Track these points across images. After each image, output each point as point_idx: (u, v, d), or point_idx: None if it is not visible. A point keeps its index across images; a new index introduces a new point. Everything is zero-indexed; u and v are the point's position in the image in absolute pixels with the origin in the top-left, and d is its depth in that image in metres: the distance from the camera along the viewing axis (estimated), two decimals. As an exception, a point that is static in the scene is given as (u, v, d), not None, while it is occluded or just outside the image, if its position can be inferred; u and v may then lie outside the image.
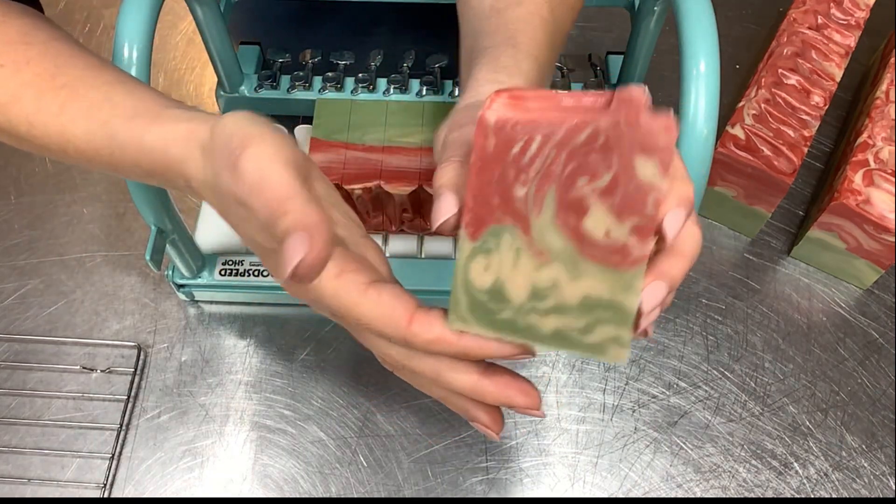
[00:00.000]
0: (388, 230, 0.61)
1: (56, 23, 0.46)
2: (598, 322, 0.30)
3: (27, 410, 0.59)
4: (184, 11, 0.70)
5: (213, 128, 0.34)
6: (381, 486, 0.57)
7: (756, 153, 0.62)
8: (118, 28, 0.48)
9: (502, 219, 0.30)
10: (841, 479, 0.58)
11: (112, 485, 0.57)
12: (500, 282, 0.31)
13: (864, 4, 0.72)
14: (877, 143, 0.63)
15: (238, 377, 0.61)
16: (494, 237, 0.30)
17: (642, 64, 0.66)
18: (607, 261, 0.29)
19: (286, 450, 0.58)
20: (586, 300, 0.30)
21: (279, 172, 0.31)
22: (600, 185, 0.28)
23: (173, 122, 0.36)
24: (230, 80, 0.69)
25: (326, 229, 0.30)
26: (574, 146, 0.28)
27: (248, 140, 0.31)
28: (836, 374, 0.62)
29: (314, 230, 0.29)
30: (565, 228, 0.29)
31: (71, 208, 0.69)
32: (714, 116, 0.46)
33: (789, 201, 0.70)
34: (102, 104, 0.38)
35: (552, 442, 0.59)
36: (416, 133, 0.60)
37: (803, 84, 0.67)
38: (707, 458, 0.58)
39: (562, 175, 0.29)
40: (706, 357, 0.62)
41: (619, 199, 0.28)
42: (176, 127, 0.35)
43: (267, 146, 0.31)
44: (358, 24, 0.80)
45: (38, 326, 0.63)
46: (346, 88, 0.68)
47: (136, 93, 0.39)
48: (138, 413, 0.59)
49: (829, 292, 0.66)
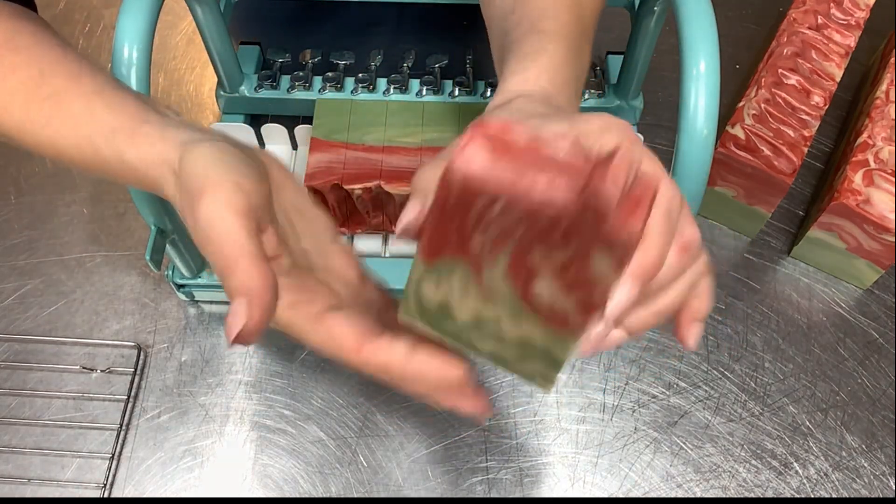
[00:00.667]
0: (388, 230, 0.61)
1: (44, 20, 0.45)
2: (530, 358, 0.32)
3: (27, 410, 0.59)
4: (184, 11, 0.70)
5: (181, 158, 0.34)
6: (381, 486, 0.57)
7: (756, 153, 0.62)
8: (118, 28, 0.48)
9: (457, 255, 0.30)
10: (841, 479, 0.58)
11: (112, 485, 0.57)
12: (447, 302, 0.32)
13: (864, 4, 0.72)
14: (877, 143, 0.63)
15: (238, 377, 0.61)
16: (448, 267, 0.31)
17: (642, 64, 0.66)
18: (548, 321, 0.30)
19: (286, 450, 0.58)
20: (523, 340, 0.31)
21: (230, 225, 0.32)
22: (553, 262, 0.29)
23: (147, 142, 0.36)
24: (230, 80, 0.69)
25: (268, 295, 0.31)
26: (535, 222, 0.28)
27: (205, 187, 0.32)
28: (836, 374, 0.62)
29: (255, 297, 0.31)
30: (514, 283, 0.30)
31: (71, 208, 0.69)
32: (714, 116, 0.46)
33: (789, 201, 0.70)
34: (84, 118, 0.38)
35: (552, 442, 0.59)
36: (416, 133, 0.60)
37: (803, 84, 0.67)
38: (707, 458, 0.58)
39: (519, 241, 0.29)
40: (706, 357, 0.62)
41: (569, 278, 0.29)
42: (150, 149, 0.36)
43: (221, 194, 0.32)
44: (358, 24, 0.80)
45: (38, 326, 0.63)
46: (346, 88, 0.68)
47: (114, 105, 0.39)
48: (138, 413, 0.59)
49: (829, 292, 0.66)
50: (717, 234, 0.69)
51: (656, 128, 0.73)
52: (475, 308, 0.31)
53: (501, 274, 0.30)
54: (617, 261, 0.28)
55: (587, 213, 0.28)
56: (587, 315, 0.29)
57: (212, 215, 0.32)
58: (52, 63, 0.40)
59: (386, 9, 0.81)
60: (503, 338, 0.32)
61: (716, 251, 0.68)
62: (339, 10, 0.81)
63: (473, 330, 0.32)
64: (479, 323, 0.32)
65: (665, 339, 0.63)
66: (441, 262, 0.31)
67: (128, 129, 0.37)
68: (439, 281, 0.31)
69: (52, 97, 0.39)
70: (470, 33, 0.78)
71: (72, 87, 0.39)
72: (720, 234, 0.69)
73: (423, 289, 0.32)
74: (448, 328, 0.33)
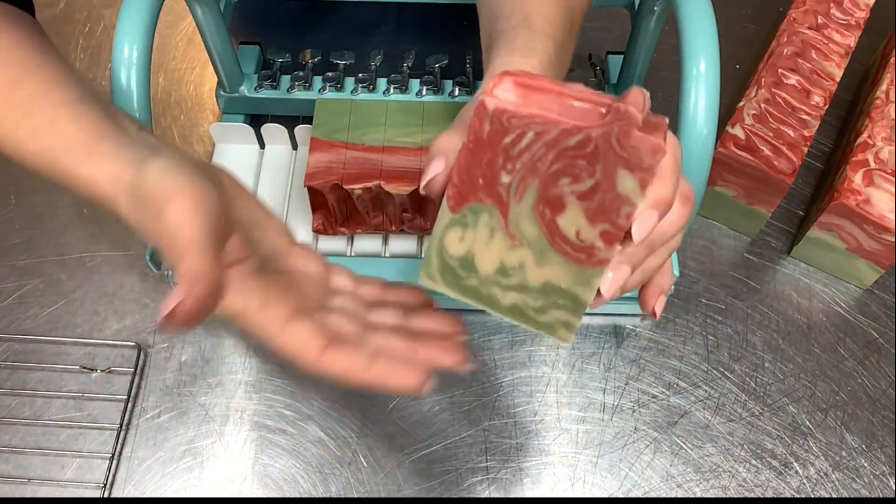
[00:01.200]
0: (388, 230, 0.61)
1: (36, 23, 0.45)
2: (553, 305, 0.33)
3: (27, 410, 0.59)
4: (184, 11, 0.70)
5: (136, 175, 0.35)
6: (381, 486, 0.57)
7: (756, 153, 0.62)
8: (118, 28, 0.48)
9: (484, 199, 0.32)
10: (841, 479, 0.58)
11: (112, 485, 0.57)
12: (471, 254, 0.33)
13: (864, 4, 0.72)
14: (877, 143, 0.63)
15: (238, 377, 0.61)
16: (473, 213, 0.32)
17: (642, 64, 0.66)
18: (573, 257, 0.32)
19: (286, 450, 0.58)
20: (547, 285, 0.33)
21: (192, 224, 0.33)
22: (580, 189, 0.30)
23: (101, 159, 0.37)
24: (230, 80, 0.69)
25: (208, 283, 0.33)
26: (563, 148, 0.30)
27: (171, 194, 0.34)
28: (836, 374, 0.62)
29: (197, 280, 0.32)
30: (541, 220, 0.31)
31: (71, 208, 0.69)
32: (714, 116, 0.46)
33: (789, 201, 0.70)
34: (48, 129, 0.39)
35: (552, 442, 0.59)
36: (416, 133, 0.60)
37: (803, 84, 0.67)
38: (707, 458, 0.58)
39: (546, 172, 0.30)
40: (706, 357, 0.62)
41: (595, 204, 0.30)
42: (103, 167, 0.37)
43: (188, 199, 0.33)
44: (358, 24, 0.80)
45: (38, 326, 0.63)
46: (346, 88, 0.68)
47: (79, 118, 0.39)
48: (138, 413, 0.59)
49: (829, 292, 0.66)
50: (717, 234, 0.69)
51: (656, 128, 0.73)
52: (499, 255, 0.33)
53: (528, 211, 0.32)
54: (641, 179, 0.30)
55: (612, 134, 0.29)
56: (611, 245, 0.31)
57: (182, 218, 0.33)
58: (30, 69, 0.40)
59: (386, 9, 0.81)
60: (526, 285, 0.33)
61: (716, 251, 0.68)
62: (339, 10, 0.81)
63: (496, 282, 0.33)
64: (503, 270, 0.33)
65: (665, 339, 0.63)
66: (468, 209, 0.32)
67: (86, 144, 0.38)
68: (464, 230, 0.33)
69: (23, 104, 0.40)
70: (470, 33, 0.78)
71: (43, 96, 0.40)
72: (720, 234, 0.69)
73: (447, 242, 0.33)
74: (470, 284, 0.34)
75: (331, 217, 0.60)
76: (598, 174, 0.30)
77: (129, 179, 0.35)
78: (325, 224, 0.61)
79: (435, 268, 0.34)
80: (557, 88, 0.31)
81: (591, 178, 0.30)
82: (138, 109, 0.48)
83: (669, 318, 0.64)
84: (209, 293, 0.33)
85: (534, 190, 0.31)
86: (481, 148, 0.31)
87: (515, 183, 0.31)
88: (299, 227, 0.62)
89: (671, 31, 0.50)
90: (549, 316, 0.34)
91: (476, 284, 0.34)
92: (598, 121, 0.30)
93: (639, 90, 0.30)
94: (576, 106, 0.30)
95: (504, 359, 0.62)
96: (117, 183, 0.36)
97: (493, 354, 0.62)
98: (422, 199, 0.59)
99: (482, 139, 0.31)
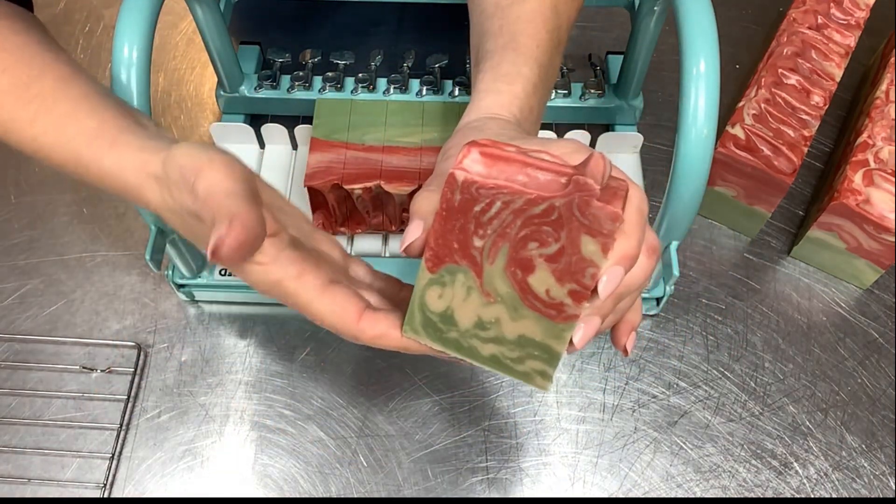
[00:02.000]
0: (388, 230, 0.61)
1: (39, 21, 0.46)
2: (529, 356, 0.36)
3: (27, 410, 0.59)
4: (184, 11, 0.70)
5: (164, 160, 0.36)
6: (381, 486, 0.57)
7: (756, 153, 0.62)
8: (118, 28, 0.48)
9: (459, 261, 0.34)
10: (841, 479, 0.58)
11: (112, 485, 0.57)
12: (450, 309, 0.36)
13: (864, 4, 0.72)
14: (877, 143, 0.63)
15: (238, 377, 0.61)
16: (450, 273, 0.35)
17: (642, 64, 0.66)
18: (544, 312, 0.34)
19: (286, 450, 0.58)
20: (522, 338, 0.35)
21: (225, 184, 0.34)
22: (547, 252, 0.33)
23: (127, 150, 0.38)
24: (230, 80, 0.69)
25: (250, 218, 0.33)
26: (529, 216, 0.32)
27: (200, 166, 0.35)
28: (836, 374, 0.62)
29: (237, 218, 0.33)
30: (513, 279, 0.34)
31: (71, 208, 0.69)
32: (714, 116, 0.46)
33: (789, 201, 0.70)
34: (68, 121, 0.40)
35: (552, 442, 0.59)
36: (416, 133, 0.60)
37: (803, 84, 0.67)
38: (707, 458, 0.58)
39: (515, 237, 0.33)
40: (706, 357, 0.62)
41: (562, 266, 0.33)
42: (130, 156, 0.38)
43: (217, 168, 0.35)
44: (358, 24, 0.80)
45: (38, 326, 0.63)
46: (346, 88, 0.68)
47: (98, 111, 0.40)
48: (138, 413, 0.59)
49: (829, 292, 0.66)
50: (717, 234, 0.69)
51: (656, 128, 0.73)
52: (476, 311, 0.35)
53: (500, 272, 0.34)
54: (603, 244, 0.32)
55: (573, 203, 0.32)
56: (579, 302, 0.33)
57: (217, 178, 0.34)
58: (42, 65, 0.41)
59: (386, 9, 0.81)
60: (503, 338, 0.35)
61: (716, 251, 0.68)
62: (339, 10, 0.81)
63: (475, 335, 0.36)
64: (480, 325, 0.35)
65: (665, 339, 0.63)
66: (444, 270, 0.35)
67: (109, 136, 0.39)
68: (443, 289, 0.35)
69: (39, 97, 0.40)
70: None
71: (60, 90, 0.41)
72: (720, 234, 0.69)
73: (427, 299, 0.36)
74: (451, 337, 0.36)
75: (331, 217, 0.60)
76: (562, 239, 0.32)
77: (157, 166, 0.36)
78: (326, 224, 0.61)
79: (417, 322, 0.36)
80: (521, 158, 0.33)
81: (557, 243, 0.32)
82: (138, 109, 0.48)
83: (669, 318, 0.64)
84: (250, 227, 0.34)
85: (505, 253, 0.33)
86: (454, 215, 0.33)
87: (487, 246, 0.33)
88: (299, 227, 0.62)
89: (671, 31, 0.50)
90: (525, 366, 0.36)
91: (456, 337, 0.36)
92: (560, 190, 0.32)
93: (599, 157, 0.32)
94: (539, 176, 0.32)
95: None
96: (144, 170, 0.37)
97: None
98: (422, 199, 0.58)
99: (454, 207, 0.33)
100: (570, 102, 0.69)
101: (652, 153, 0.70)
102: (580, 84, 0.70)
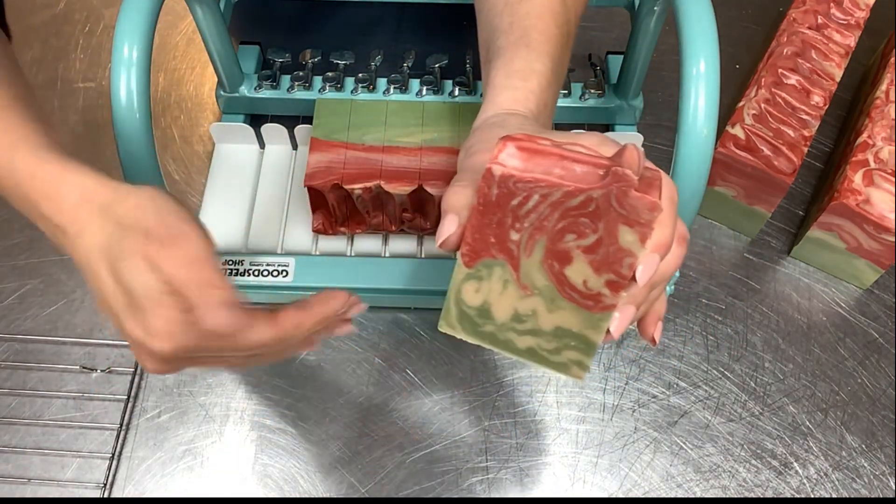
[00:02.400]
0: (388, 230, 0.61)
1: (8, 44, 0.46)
2: (565, 347, 0.36)
3: (27, 410, 0.59)
4: (184, 11, 0.70)
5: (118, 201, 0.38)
6: (380, 486, 0.57)
7: (756, 153, 0.62)
8: (118, 28, 0.48)
9: (496, 255, 0.35)
10: (841, 479, 0.58)
11: (112, 485, 0.57)
12: (487, 303, 0.36)
13: (864, 4, 0.72)
14: (877, 143, 0.63)
15: (238, 377, 0.61)
16: (487, 268, 0.35)
17: (642, 64, 0.66)
18: (581, 303, 0.35)
19: (286, 450, 0.58)
20: (559, 329, 0.36)
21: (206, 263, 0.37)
22: (585, 244, 0.33)
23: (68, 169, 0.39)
24: (230, 80, 0.69)
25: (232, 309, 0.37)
26: (567, 208, 0.33)
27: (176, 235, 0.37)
28: (836, 374, 0.62)
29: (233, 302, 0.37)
30: (550, 272, 0.34)
31: (71, 208, 0.69)
32: (714, 116, 0.46)
33: (789, 201, 0.70)
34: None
35: (552, 442, 0.59)
36: (416, 133, 0.60)
37: (803, 84, 0.67)
38: (707, 458, 0.58)
39: (553, 229, 0.33)
40: (706, 357, 0.62)
41: (599, 257, 0.33)
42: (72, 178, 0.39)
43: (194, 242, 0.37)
44: (358, 24, 0.80)
45: (38, 326, 0.63)
46: (346, 88, 0.68)
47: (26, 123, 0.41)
48: (138, 413, 0.59)
49: (829, 292, 0.66)
50: (717, 234, 0.69)
51: (656, 128, 0.73)
52: (513, 304, 0.36)
53: (538, 264, 0.34)
54: (641, 233, 0.32)
55: (611, 194, 0.32)
56: (617, 291, 0.34)
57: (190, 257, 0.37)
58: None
59: (386, 9, 0.81)
60: (540, 330, 0.36)
61: (716, 251, 0.68)
62: (339, 10, 0.81)
63: (511, 328, 0.36)
64: (517, 317, 0.36)
65: (665, 339, 0.63)
66: (481, 265, 0.35)
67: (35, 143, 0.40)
68: (479, 283, 0.36)
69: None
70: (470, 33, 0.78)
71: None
72: (720, 234, 0.69)
73: (464, 294, 0.36)
74: (487, 331, 0.37)
75: (331, 217, 0.60)
76: (600, 230, 0.33)
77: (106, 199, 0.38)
78: (325, 224, 0.61)
79: (454, 316, 0.37)
80: (557, 151, 0.33)
81: (595, 234, 0.33)
82: (138, 109, 0.48)
83: (669, 318, 0.64)
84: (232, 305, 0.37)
85: (542, 245, 0.34)
86: (491, 210, 0.34)
87: (524, 240, 0.34)
88: (299, 227, 0.62)
89: (671, 31, 0.50)
90: (562, 356, 0.36)
91: (493, 330, 0.37)
92: (597, 182, 0.32)
93: (633, 148, 0.32)
94: (576, 169, 0.33)
95: (504, 359, 0.62)
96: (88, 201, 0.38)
97: (493, 354, 0.62)
98: (422, 199, 0.59)
99: (491, 202, 0.33)
100: (570, 102, 0.69)
101: (652, 153, 0.70)
102: (580, 84, 0.70)
